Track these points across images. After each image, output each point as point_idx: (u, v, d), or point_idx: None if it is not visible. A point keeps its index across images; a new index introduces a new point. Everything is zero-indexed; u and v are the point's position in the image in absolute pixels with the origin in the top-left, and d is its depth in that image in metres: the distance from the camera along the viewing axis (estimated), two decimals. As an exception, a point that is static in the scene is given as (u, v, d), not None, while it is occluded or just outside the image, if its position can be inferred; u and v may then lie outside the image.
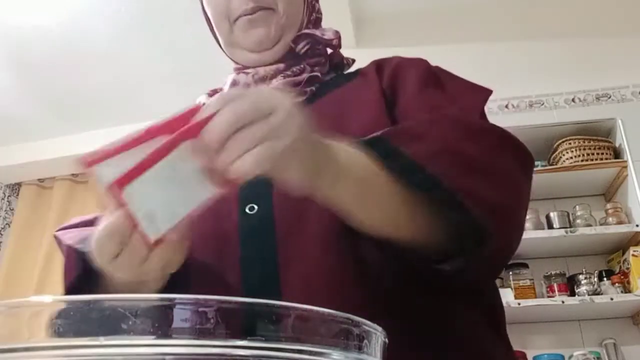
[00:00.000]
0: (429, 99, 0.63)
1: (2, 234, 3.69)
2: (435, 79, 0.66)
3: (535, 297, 2.15)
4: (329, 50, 0.77)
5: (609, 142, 2.34)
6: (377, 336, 0.34)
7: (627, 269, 2.13)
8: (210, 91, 0.81)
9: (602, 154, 2.30)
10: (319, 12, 0.80)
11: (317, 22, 0.79)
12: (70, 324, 0.27)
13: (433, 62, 0.70)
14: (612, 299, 2.03)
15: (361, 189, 0.48)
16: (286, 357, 0.28)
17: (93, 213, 0.69)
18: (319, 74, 0.72)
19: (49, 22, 2.69)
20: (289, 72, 0.71)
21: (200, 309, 0.28)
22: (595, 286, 2.13)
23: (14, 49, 2.86)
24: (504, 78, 2.57)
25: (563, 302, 2.06)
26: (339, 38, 0.76)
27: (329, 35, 0.75)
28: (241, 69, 0.76)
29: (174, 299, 0.28)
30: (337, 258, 0.56)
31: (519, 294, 2.14)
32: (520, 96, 2.51)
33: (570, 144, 2.31)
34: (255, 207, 0.61)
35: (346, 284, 0.56)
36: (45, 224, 3.60)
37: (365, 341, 0.32)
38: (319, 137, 0.46)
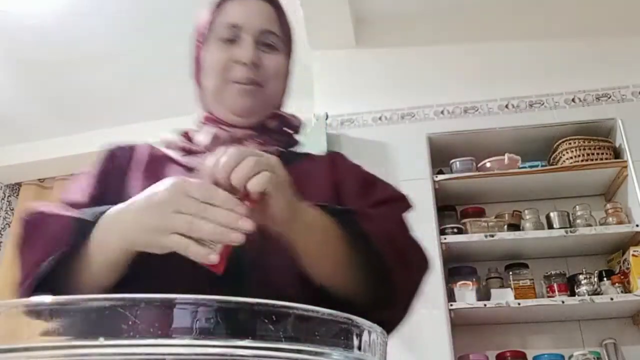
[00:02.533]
0: (368, 197, 0.83)
1: (2, 234, 3.69)
2: (371, 184, 0.87)
3: (535, 297, 2.15)
4: (290, 131, 0.92)
5: (609, 142, 2.34)
6: (377, 336, 0.34)
7: (627, 269, 2.12)
8: (183, 133, 0.91)
9: (602, 154, 2.29)
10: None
11: (284, 104, 0.94)
12: (71, 323, 0.27)
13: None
14: (612, 299, 2.03)
15: (321, 238, 0.67)
16: (286, 357, 0.28)
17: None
18: (281, 149, 0.86)
19: (49, 22, 2.69)
20: (258, 139, 0.86)
21: (200, 309, 0.28)
22: (595, 286, 2.13)
23: (14, 49, 2.85)
24: (504, 78, 2.57)
25: (563, 302, 2.06)
26: (301, 125, 0.93)
27: (296, 122, 0.92)
28: (214, 120, 0.88)
29: (174, 299, 0.28)
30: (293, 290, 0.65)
31: (519, 294, 2.14)
32: (520, 96, 2.50)
33: (570, 144, 2.31)
34: None
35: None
36: (45, 224, 3.60)
37: (365, 341, 0.32)
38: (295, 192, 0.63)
